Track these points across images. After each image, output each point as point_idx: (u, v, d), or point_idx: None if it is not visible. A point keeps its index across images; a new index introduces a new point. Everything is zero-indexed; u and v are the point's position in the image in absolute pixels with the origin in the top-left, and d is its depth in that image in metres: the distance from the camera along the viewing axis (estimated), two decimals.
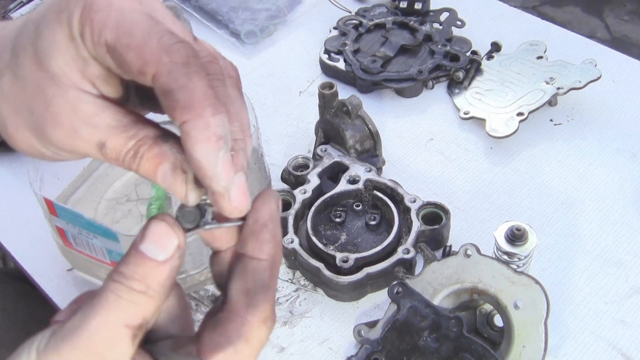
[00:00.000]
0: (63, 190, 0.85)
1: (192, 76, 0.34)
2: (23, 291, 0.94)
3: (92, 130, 0.37)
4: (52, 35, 0.36)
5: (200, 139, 0.34)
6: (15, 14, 1.21)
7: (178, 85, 0.34)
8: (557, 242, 0.82)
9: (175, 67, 0.34)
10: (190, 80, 0.34)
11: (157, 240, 0.35)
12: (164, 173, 0.36)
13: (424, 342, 0.66)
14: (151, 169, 0.37)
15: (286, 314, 0.77)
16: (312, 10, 1.19)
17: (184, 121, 0.34)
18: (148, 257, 0.35)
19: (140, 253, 0.35)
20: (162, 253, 0.35)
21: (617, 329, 0.74)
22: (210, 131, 0.34)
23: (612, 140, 0.94)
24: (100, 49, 0.35)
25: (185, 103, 0.34)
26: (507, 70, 1.00)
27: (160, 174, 0.37)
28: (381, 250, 0.77)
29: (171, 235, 0.35)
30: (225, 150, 0.35)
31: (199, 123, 0.34)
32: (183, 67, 0.34)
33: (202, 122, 0.34)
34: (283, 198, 0.84)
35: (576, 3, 2.74)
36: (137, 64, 0.34)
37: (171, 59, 0.34)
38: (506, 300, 0.66)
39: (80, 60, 0.36)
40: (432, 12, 1.11)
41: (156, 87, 0.34)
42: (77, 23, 0.36)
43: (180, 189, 0.36)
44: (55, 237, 0.78)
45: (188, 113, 0.34)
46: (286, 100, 1.04)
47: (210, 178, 0.35)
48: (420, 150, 0.95)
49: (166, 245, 0.35)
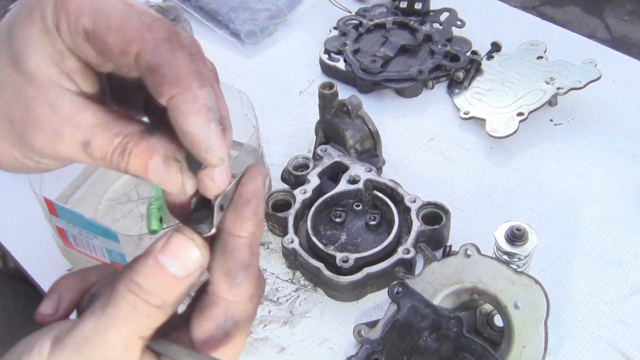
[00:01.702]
0: (63, 190, 0.85)
1: (176, 52, 0.34)
2: (23, 291, 0.94)
3: (75, 130, 0.36)
4: (25, 34, 0.36)
5: (191, 111, 0.33)
6: None
7: (163, 61, 0.34)
8: (557, 242, 0.82)
9: (158, 42, 0.34)
10: (174, 55, 0.34)
11: (180, 256, 0.34)
12: (155, 166, 0.35)
13: (424, 342, 0.66)
14: (141, 165, 0.35)
15: (286, 314, 0.77)
16: (312, 10, 1.19)
17: (172, 96, 0.33)
18: (168, 272, 0.34)
19: (159, 266, 0.34)
20: (183, 270, 0.34)
21: (617, 329, 0.74)
22: (200, 103, 0.34)
23: (612, 140, 0.94)
24: (78, 38, 0.35)
25: (172, 78, 0.33)
26: (507, 70, 1.00)
27: (152, 168, 0.35)
28: (381, 250, 0.77)
29: (195, 252, 0.35)
30: (215, 123, 0.34)
31: (187, 96, 0.33)
32: (166, 43, 0.34)
33: (191, 94, 0.33)
34: (283, 198, 0.84)
35: (576, 3, 2.74)
36: (118, 44, 0.34)
37: (153, 36, 0.34)
38: (506, 300, 0.66)
39: (57, 55, 0.36)
40: (432, 12, 1.11)
41: (140, 65, 0.34)
42: (51, 15, 0.35)
43: (175, 179, 0.36)
44: (55, 237, 0.78)
45: (176, 87, 0.33)
46: (286, 100, 1.04)
47: (205, 150, 0.34)
48: (420, 150, 0.95)
49: (188, 263, 0.34)
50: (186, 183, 0.36)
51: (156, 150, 0.35)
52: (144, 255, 0.35)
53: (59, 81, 0.36)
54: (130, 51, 0.34)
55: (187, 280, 0.34)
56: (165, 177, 0.36)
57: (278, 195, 0.84)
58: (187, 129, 0.33)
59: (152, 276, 0.34)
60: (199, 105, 0.33)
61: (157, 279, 0.34)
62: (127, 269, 0.35)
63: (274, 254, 0.83)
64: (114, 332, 0.33)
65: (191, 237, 0.35)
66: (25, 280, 0.87)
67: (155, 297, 0.34)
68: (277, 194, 0.84)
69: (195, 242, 0.35)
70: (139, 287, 0.34)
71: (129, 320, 0.34)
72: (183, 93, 0.33)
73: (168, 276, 0.34)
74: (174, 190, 0.36)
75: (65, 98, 0.36)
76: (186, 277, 0.34)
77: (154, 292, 0.34)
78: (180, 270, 0.34)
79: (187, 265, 0.34)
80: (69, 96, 0.36)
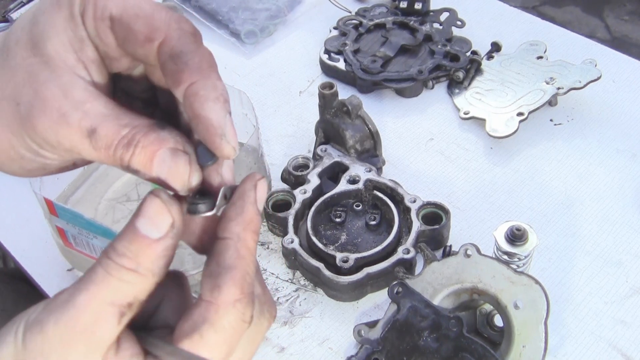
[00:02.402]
0: (63, 190, 0.85)
1: (200, 45, 0.36)
2: (23, 291, 0.94)
3: (83, 115, 0.35)
4: (49, 19, 0.36)
5: (210, 97, 0.34)
6: (15, 14, 1.21)
7: (187, 49, 0.35)
8: (557, 242, 0.82)
9: (184, 34, 0.35)
10: (198, 47, 0.35)
11: (151, 217, 0.33)
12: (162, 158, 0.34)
13: (424, 342, 0.66)
14: (147, 157, 0.34)
15: (286, 314, 0.77)
16: (312, 10, 1.19)
17: (192, 82, 0.34)
18: (141, 233, 0.33)
19: (134, 229, 0.33)
20: (156, 231, 0.33)
21: (617, 329, 0.74)
22: (219, 92, 0.34)
23: (612, 140, 0.94)
24: (102, 24, 0.36)
25: (195, 65, 0.34)
26: (507, 70, 1.00)
27: (158, 160, 0.34)
28: (381, 250, 0.77)
29: (165, 212, 0.34)
30: (229, 115, 0.35)
31: (208, 83, 0.34)
32: (191, 36, 0.36)
33: (211, 82, 0.34)
34: (283, 198, 0.84)
35: (576, 3, 2.74)
36: (145, 31, 0.35)
37: (180, 27, 0.36)
38: (506, 300, 0.66)
39: (77, 41, 0.36)
40: (432, 12, 1.11)
41: (163, 52, 0.35)
42: (78, 2, 0.36)
43: (183, 171, 0.35)
44: (55, 237, 0.78)
45: (197, 74, 0.34)
46: (286, 100, 1.04)
47: (221, 136, 0.34)
48: (420, 150, 0.95)
49: (160, 223, 0.33)
50: (193, 175, 0.35)
51: (166, 142, 0.35)
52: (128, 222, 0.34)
53: (75, 68, 0.36)
54: (155, 38, 0.35)
55: (161, 243, 0.33)
56: (172, 169, 0.35)
57: (278, 195, 0.84)
58: (204, 114, 0.34)
59: (126, 239, 0.33)
60: (218, 93, 0.34)
61: (129, 241, 0.33)
62: None
63: (274, 254, 0.83)
64: (84, 295, 0.33)
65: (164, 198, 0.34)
66: (25, 280, 0.87)
67: (128, 260, 0.33)
68: (277, 194, 0.84)
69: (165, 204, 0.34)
70: (114, 250, 0.33)
71: (101, 284, 0.33)
72: (204, 80, 0.34)
73: (140, 237, 0.33)
74: (178, 183, 0.35)
75: (78, 84, 0.36)
76: (159, 238, 0.33)
77: (127, 254, 0.33)
78: (153, 231, 0.33)
79: (159, 225, 0.33)
80: (82, 83, 0.36)
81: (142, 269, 0.33)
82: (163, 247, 0.34)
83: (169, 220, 0.34)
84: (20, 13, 1.21)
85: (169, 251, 0.34)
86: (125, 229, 0.34)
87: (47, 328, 0.33)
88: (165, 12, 0.36)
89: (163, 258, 0.34)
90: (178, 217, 0.34)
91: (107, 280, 0.33)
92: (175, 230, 0.34)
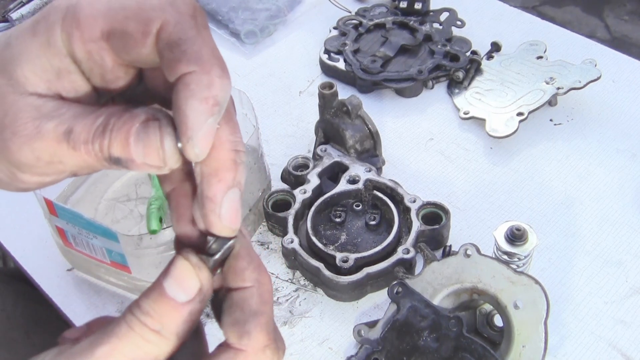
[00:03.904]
0: (63, 190, 0.85)
1: (201, 30, 0.32)
2: (22, 291, 0.94)
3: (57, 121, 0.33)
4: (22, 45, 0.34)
5: (198, 95, 0.31)
6: (15, 14, 1.21)
7: (186, 36, 0.31)
8: (557, 242, 0.82)
9: (182, 17, 0.32)
10: (199, 33, 0.32)
11: (179, 280, 0.33)
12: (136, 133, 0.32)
13: (424, 342, 0.66)
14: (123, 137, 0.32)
15: (286, 314, 0.77)
16: (312, 10, 1.19)
17: (187, 72, 0.31)
18: (168, 295, 0.32)
19: (161, 289, 0.33)
20: (183, 294, 0.33)
21: (617, 329, 0.73)
22: (211, 92, 0.31)
23: (612, 140, 0.94)
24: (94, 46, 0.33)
25: (194, 55, 0.31)
26: (507, 70, 1.00)
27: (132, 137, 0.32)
28: (381, 250, 0.77)
29: (193, 276, 0.33)
30: (215, 119, 0.31)
31: (203, 78, 0.31)
32: (191, 19, 0.32)
33: (207, 78, 0.31)
34: (283, 198, 0.84)
35: (576, 3, 2.74)
36: (139, 28, 0.32)
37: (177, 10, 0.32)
38: (506, 300, 0.66)
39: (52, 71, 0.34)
40: (432, 12, 1.11)
41: (160, 40, 0.32)
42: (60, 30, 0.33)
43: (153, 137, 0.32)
44: (55, 237, 0.78)
45: (195, 65, 0.31)
46: (286, 100, 1.04)
47: (187, 138, 0.31)
48: (420, 150, 0.95)
49: (188, 287, 0.33)
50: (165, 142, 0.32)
51: (137, 118, 0.32)
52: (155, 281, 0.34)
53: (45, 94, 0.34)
54: (151, 30, 0.32)
55: (188, 307, 0.33)
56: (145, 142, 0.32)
57: (278, 195, 0.84)
58: (183, 109, 0.31)
59: (152, 298, 0.33)
60: (209, 93, 0.31)
61: (156, 301, 0.33)
62: None
63: (274, 254, 0.83)
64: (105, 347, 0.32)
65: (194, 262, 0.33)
66: (25, 280, 0.87)
67: (153, 320, 0.32)
68: (277, 194, 0.84)
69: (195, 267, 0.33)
70: (139, 308, 0.33)
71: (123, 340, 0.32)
72: (200, 73, 0.31)
73: (167, 299, 0.32)
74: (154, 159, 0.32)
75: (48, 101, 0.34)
76: (186, 302, 0.33)
77: (152, 314, 0.32)
78: (180, 294, 0.33)
79: (186, 289, 0.33)
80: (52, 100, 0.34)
81: (166, 331, 0.33)
82: (189, 311, 0.33)
83: (197, 285, 0.33)
84: (20, 13, 1.21)
85: (194, 315, 0.33)
86: (153, 287, 0.33)
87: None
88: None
89: (188, 322, 0.33)
90: (207, 283, 0.34)
91: (129, 336, 0.32)
92: (202, 295, 0.33)
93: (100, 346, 0.32)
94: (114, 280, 0.79)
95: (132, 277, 0.76)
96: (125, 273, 0.76)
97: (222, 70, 0.32)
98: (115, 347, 0.32)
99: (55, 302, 0.81)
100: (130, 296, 0.80)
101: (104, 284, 0.81)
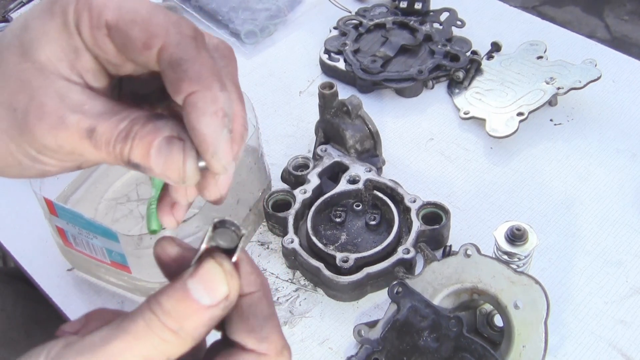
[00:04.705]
0: (63, 190, 0.85)
1: (201, 50, 0.34)
2: (22, 291, 0.94)
3: (81, 116, 0.34)
4: (41, 27, 0.35)
5: (208, 111, 0.32)
6: (15, 14, 1.21)
7: (187, 56, 0.33)
8: (557, 242, 0.82)
9: (184, 38, 0.34)
10: (199, 53, 0.33)
11: (208, 284, 0.33)
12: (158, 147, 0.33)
13: (424, 342, 0.66)
14: (145, 148, 0.33)
15: (286, 314, 0.77)
16: (312, 10, 1.19)
17: (191, 92, 0.32)
18: (192, 297, 0.32)
19: (185, 289, 0.32)
20: (208, 298, 0.33)
21: (617, 329, 0.74)
22: (218, 105, 0.33)
23: (612, 140, 0.94)
24: (99, 33, 0.34)
25: (194, 74, 0.33)
26: (507, 70, 1.00)
27: (154, 150, 0.33)
28: (381, 250, 0.77)
29: (223, 282, 0.33)
30: (228, 130, 0.33)
31: (207, 95, 0.33)
32: (192, 40, 0.34)
33: (211, 95, 0.33)
34: (283, 198, 0.84)
35: (576, 3, 2.74)
36: (142, 37, 0.34)
37: (179, 31, 0.34)
38: (506, 300, 0.66)
39: (71, 51, 0.35)
40: (432, 12, 1.11)
41: (162, 59, 0.33)
42: (73, 11, 0.35)
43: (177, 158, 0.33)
44: (55, 237, 0.78)
45: (197, 84, 0.32)
46: (286, 100, 1.04)
47: (212, 154, 0.33)
48: (420, 150, 0.95)
49: (215, 292, 0.33)
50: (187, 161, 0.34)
51: (161, 132, 0.34)
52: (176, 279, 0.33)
53: (69, 76, 0.35)
54: (153, 45, 0.33)
55: (211, 311, 0.33)
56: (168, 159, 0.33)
57: (278, 195, 0.84)
58: (199, 127, 0.32)
59: (174, 297, 0.32)
60: (216, 107, 0.33)
61: (178, 301, 0.32)
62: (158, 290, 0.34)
63: (274, 254, 0.83)
64: (121, 343, 0.32)
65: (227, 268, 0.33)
66: (25, 280, 0.87)
67: (173, 320, 0.32)
68: (277, 194, 0.84)
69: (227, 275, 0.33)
70: (160, 306, 0.32)
71: (140, 337, 0.32)
72: (203, 91, 0.33)
73: (190, 300, 0.32)
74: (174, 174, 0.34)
75: (73, 88, 0.35)
76: (210, 306, 0.33)
77: (173, 314, 0.32)
78: (205, 297, 0.32)
79: (213, 294, 0.33)
80: (77, 88, 0.35)
81: (184, 332, 0.32)
82: (210, 316, 0.33)
83: (225, 292, 0.33)
84: (20, 13, 1.21)
85: (214, 321, 0.33)
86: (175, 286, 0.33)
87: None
88: (164, 16, 0.34)
89: (207, 327, 0.33)
90: (234, 292, 0.34)
91: (146, 336, 0.32)
92: (228, 303, 0.33)
93: (114, 342, 0.32)
94: (114, 280, 0.79)
95: (132, 277, 0.76)
96: (125, 273, 0.76)
97: (222, 84, 0.34)
98: (130, 345, 0.32)
99: (55, 302, 0.81)
100: (131, 296, 0.80)
101: (104, 284, 0.81)
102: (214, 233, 0.34)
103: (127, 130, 0.34)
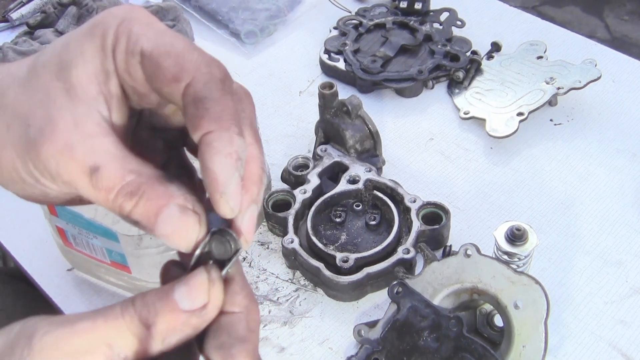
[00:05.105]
0: None
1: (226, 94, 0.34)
2: (22, 291, 0.94)
3: (89, 150, 0.34)
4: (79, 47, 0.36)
5: (223, 152, 0.33)
6: (15, 14, 1.21)
7: (212, 96, 0.34)
8: (557, 242, 0.82)
9: (212, 79, 0.34)
10: (223, 96, 0.34)
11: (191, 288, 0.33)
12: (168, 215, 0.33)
13: (424, 342, 0.66)
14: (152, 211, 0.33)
15: (286, 313, 0.77)
16: (312, 10, 1.19)
17: (209, 131, 0.33)
18: (172, 296, 0.33)
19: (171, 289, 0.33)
20: (187, 302, 0.33)
21: (617, 329, 0.73)
22: (233, 148, 0.33)
23: (612, 140, 0.94)
24: (133, 59, 0.35)
25: (215, 115, 0.33)
26: (507, 70, 1.00)
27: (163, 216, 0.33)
28: (381, 250, 0.77)
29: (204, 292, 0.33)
30: (240, 174, 0.33)
31: (224, 136, 0.33)
32: (219, 82, 0.34)
33: (227, 136, 0.33)
34: (283, 198, 0.84)
35: (576, 3, 2.74)
36: (173, 70, 0.34)
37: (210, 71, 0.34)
38: (506, 300, 0.66)
39: (103, 74, 0.35)
40: (432, 12, 1.11)
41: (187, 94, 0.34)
42: (112, 34, 0.35)
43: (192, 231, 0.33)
44: (55, 237, 0.78)
45: (215, 124, 0.33)
46: (286, 100, 1.04)
47: (221, 194, 0.33)
48: (420, 150, 0.95)
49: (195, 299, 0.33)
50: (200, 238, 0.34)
51: (174, 198, 0.33)
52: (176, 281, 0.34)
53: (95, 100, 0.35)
54: (182, 79, 0.34)
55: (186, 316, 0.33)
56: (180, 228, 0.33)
57: (278, 195, 0.84)
58: (211, 166, 0.32)
59: (157, 295, 0.33)
60: (231, 149, 0.33)
61: (159, 298, 0.33)
62: None
63: (274, 254, 0.83)
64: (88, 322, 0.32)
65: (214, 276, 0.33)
66: (25, 280, 0.87)
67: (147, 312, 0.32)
68: (277, 194, 0.84)
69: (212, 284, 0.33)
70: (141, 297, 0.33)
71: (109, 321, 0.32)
72: (220, 132, 0.33)
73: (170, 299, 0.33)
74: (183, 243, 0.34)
75: (92, 117, 0.35)
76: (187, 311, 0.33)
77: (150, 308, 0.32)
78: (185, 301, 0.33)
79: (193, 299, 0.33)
80: (97, 117, 0.35)
81: (155, 330, 0.32)
82: (185, 321, 0.33)
83: (204, 301, 0.33)
84: (21, 13, 1.21)
85: (188, 329, 0.33)
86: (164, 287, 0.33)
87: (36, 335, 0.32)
88: (198, 54, 0.35)
89: (180, 332, 0.33)
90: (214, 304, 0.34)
91: (116, 321, 0.32)
92: (205, 313, 0.33)
93: (84, 321, 0.32)
94: (114, 280, 0.79)
95: (132, 277, 0.76)
96: (125, 273, 0.76)
97: (240, 129, 0.34)
98: (97, 326, 0.32)
99: (55, 302, 0.81)
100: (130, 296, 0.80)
101: (104, 284, 0.81)
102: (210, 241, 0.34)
103: (135, 186, 0.33)
